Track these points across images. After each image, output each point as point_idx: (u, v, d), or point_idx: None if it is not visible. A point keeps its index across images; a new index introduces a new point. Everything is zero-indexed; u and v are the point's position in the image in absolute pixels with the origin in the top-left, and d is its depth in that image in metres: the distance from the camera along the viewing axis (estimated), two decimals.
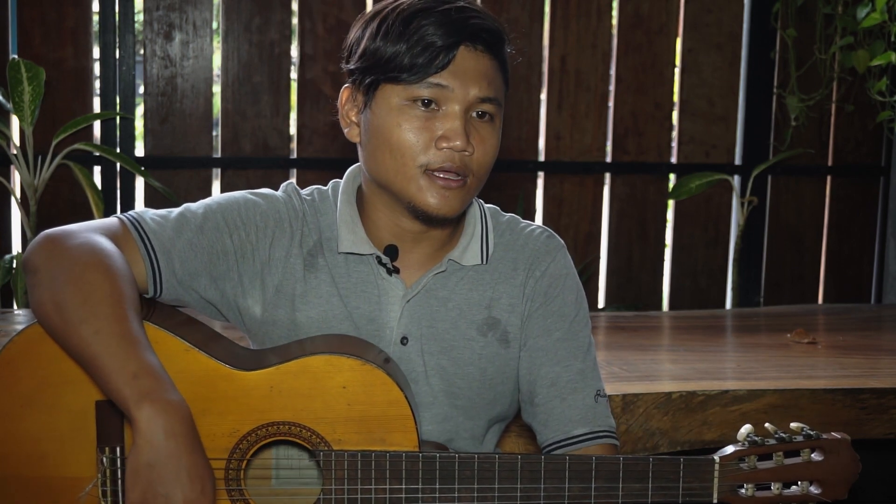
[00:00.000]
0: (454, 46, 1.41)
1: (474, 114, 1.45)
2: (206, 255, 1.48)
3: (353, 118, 1.51)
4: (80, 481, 1.38)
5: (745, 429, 1.41)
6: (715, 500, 1.41)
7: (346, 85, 1.52)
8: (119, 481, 1.36)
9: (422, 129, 1.42)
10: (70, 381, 1.37)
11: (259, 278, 1.51)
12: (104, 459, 1.36)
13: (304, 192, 1.59)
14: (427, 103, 1.42)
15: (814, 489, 1.41)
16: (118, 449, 1.36)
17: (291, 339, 1.52)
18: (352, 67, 1.48)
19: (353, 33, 1.50)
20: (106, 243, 1.39)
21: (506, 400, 1.59)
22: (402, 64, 1.41)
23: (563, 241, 1.62)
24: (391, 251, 1.53)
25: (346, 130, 1.53)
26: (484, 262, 1.55)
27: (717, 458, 1.40)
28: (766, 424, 1.42)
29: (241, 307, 1.53)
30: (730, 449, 1.40)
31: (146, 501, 1.23)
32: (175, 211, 1.50)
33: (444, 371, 1.54)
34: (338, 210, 1.54)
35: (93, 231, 1.41)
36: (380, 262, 1.52)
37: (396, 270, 1.52)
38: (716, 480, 1.40)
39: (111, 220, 1.46)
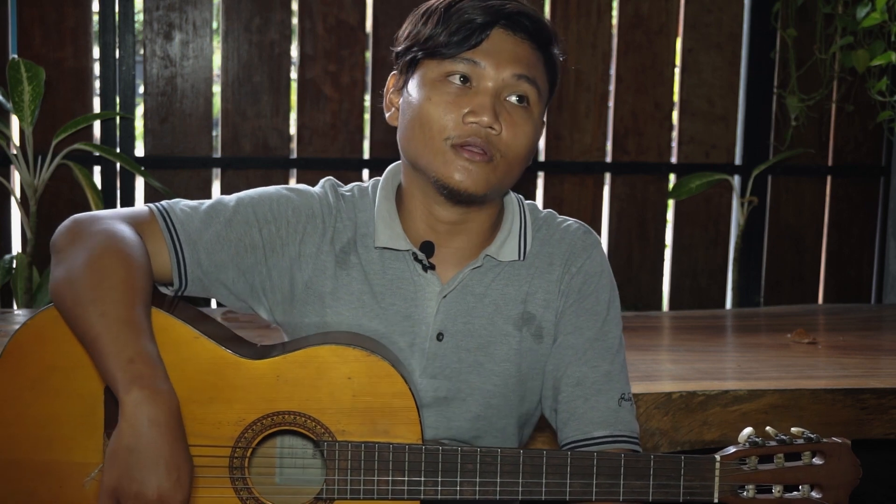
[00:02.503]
0: (490, 26, 1.44)
1: (513, 98, 1.46)
2: (234, 248, 1.49)
3: (395, 103, 1.54)
4: (87, 467, 1.39)
5: (747, 431, 1.41)
6: (716, 500, 1.41)
7: (393, 72, 1.56)
8: None
9: (452, 105, 1.44)
10: (79, 367, 1.38)
11: (288, 274, 1.52)
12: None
13: (345, 188, 1.60)
14: (461, 80, 1.44)
15: (815, 493, 1.41)
16: None
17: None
18: (396, 50, 1.52)
19: (402, 27, 1.54)
20: (128, 232, 1.41)
21: (534, 397, 1.58)
22: (440, 40, 1.44)
23: (598, 238, 1.62)
24: (427, 247, 1.53)
25: (387, 115, 1.56)
26: (521, 259, 1.55)
27: (718, 457, 1.40)
28: (767, 428, 1.42)
29: (270, 302, 1.53)
30: (731, 449, 1.41)
31: (121, 485, 1.23)
32: (207, 202, 1.52)
33: (480, 367, 1.53)
34: (376, 205, 1.55)
35: (120, 219, 1.44)
36: (415, 258, 1.52)
37: (432, 267, 1.52)
38: (717, 479, 1.40)
39: (141, 209, 1.49)
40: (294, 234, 1.52)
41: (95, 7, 3.38)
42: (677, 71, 3.84)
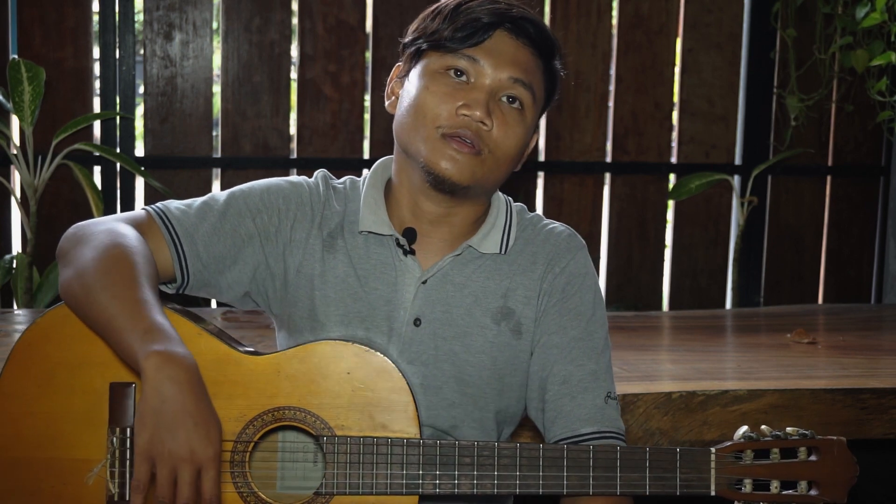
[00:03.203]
0: (494, 26, 1.49)
1: (504, 98, 1.49)
2: (230, 240, 1.54)
3: (397, 91, 1.58)
4: (89, 464, 1.40)
5: (742, 429, 1.43)
6: (713, 493, 1.42)
7: (398, 63, 1.59)
8: (128, 463, 1.38)
9: (447, 96, 1.47)
10: (85, 364, 1.41)
11: (282, 260, 1.56)
12: (114, 440, 1.38)
13: (337, 181, 1.65)
14: (458, 73, 1.48)
15: (813, 491, 1.42)
16: (128, 430, 1.38)
17: (311, 319, 1.55)
18: (404, 42, 1.57)
19: (412, 24, 1.58)
20: (128, 229, 1.47)
21: (513, 393, 1.59)
22: (445, 34, 1.49)
23: (584, 242, 1.64)
24: (409, 233, 1.55)
25: (387, 103, 1.61)
26: (502, 253, 1.57)
27: (713, 449, 1.41)
28: (763, 426, 1.43)
29: (268, 289, 1.58)
30: (727, 442, 1.42)
31: (153, 445, 1.26)
32: (199, 199, 1.57)
33: (455, 356, 1.55)
34: (363, 192, 1.59)
35: (119, 220, 1.50)
36: (398, 243, 1.55)
37: (412, 252, 1.55)
38: (713, 472, 1.41)
39: (138, 212, 1.55)
40: (285, 220, 1.56)
41: (95, 7, 3.38)
42: (677, 71, 3.84)
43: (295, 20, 3.55)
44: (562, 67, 1.57)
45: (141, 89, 3.86)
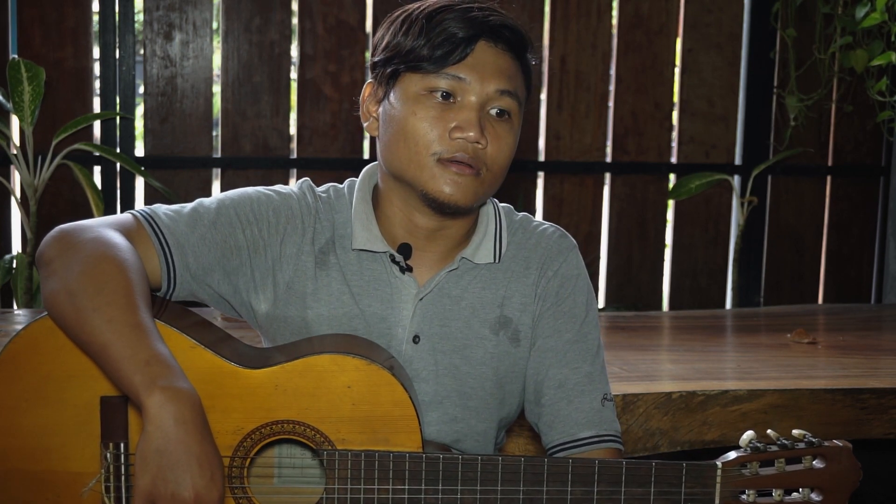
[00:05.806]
0: (474, 40, 1.43)
1: (492, 111, 1.46)
2: (220, 250, 1.48)
3: (373, 112, 1.53)
4: (83, 476, 1.38)
5: (748, 435, 1.41)
6: None
7: (369, 80, 1.54)
8: (122, 477, 1.36)
9: (437, 120, 1.43)
10: (74, 376, 1.37)
11: (270, 274, 1.52)
12: (108, 455, 1.35)
13: (320, 189, 1.59)
14: (444, 95, 1.44)
15: (815, 496, 1.41)
16: (122, 445, 1.36)
17: (302, 336, 1.52)
18: (375, 60, 1.51)
19: (380, 32, 1.52)
20: (118, 238, 1.39)
21: (514, 400, 1.58)
22: (423, 54, 1.43)
23: (574, 241, 1.62)
24: (404, 249, 1.52)
25: (365, 125, 1.55)
26: (497, 261, 1.55)
27: (719, 463, 1.40)
28: (769, 431, 1.41)
29: (252, 303, 1.53)
30: (732, 455, 1.40)
31: (156, 487, 1.22)
32: (188, 206, 1.51)
33: (456, 370, 1.53)
34: (353, 207, 1.55)
35: (106, 226, 1.42)
36: (393, 260, 1.52)
37: (409, 269, 1.52)
38: (718, 486, 1.39)
39: (125, 216, 1.47)
40: (275, 234, 1.51)
41: (95, 7, 3.38)
42: (677, 71, 3.84)
43: (295, 20, 3.55)
44: (533, 57, 1.53)
45: (141, 89, 3.86)
